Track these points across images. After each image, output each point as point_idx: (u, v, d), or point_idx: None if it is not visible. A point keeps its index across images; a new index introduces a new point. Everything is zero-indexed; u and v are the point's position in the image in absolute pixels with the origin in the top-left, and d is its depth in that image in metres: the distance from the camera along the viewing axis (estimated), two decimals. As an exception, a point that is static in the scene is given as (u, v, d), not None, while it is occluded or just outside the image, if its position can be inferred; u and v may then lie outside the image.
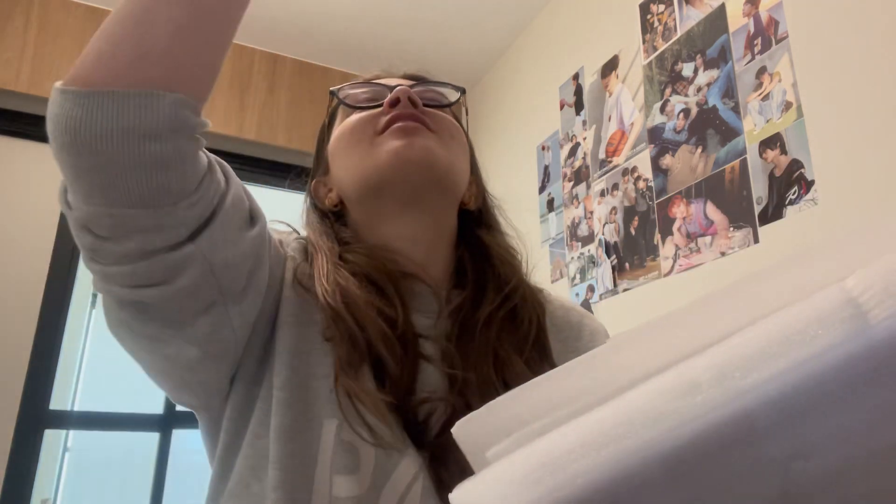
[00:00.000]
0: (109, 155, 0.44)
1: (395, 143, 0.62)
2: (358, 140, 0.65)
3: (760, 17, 1.45)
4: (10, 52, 2.25)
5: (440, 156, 0.64)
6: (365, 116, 0.65)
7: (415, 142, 0.62)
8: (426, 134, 0.64)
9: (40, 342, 2.18)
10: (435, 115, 0.66)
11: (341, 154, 0.67)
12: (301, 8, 2.45)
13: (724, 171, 1.50)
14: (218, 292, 0.52)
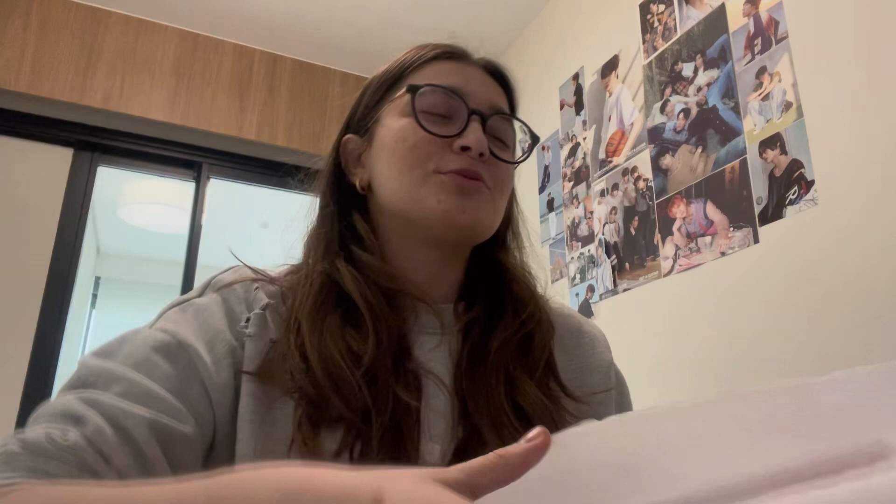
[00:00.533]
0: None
1: (448, 203, 0.60)
2: (413, 166, 0.61)
3: (760, 17, 1.45)
4: (10, 52, 2.25)
5: (486, 223, 0.63)
6: (430, 142, 0.61)
7: (467, 207, 0.60)
8: (481, 195, 0.62)
9: (40, 342, 2.17)
10: (495, 168, 0.63)
11: (391, 163, 0.63)
12: (301, 8, 2.45)
13: (724, 171, 1.50)
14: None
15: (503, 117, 0.66)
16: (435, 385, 0.59)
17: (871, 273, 1.13)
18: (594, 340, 0.72)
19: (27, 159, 2.31)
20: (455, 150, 0.61)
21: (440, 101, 0.63)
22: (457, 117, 0.63)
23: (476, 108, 0.63)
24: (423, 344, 0.62)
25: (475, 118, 0.62)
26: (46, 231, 2.27)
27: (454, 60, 0.67)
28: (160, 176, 2.77)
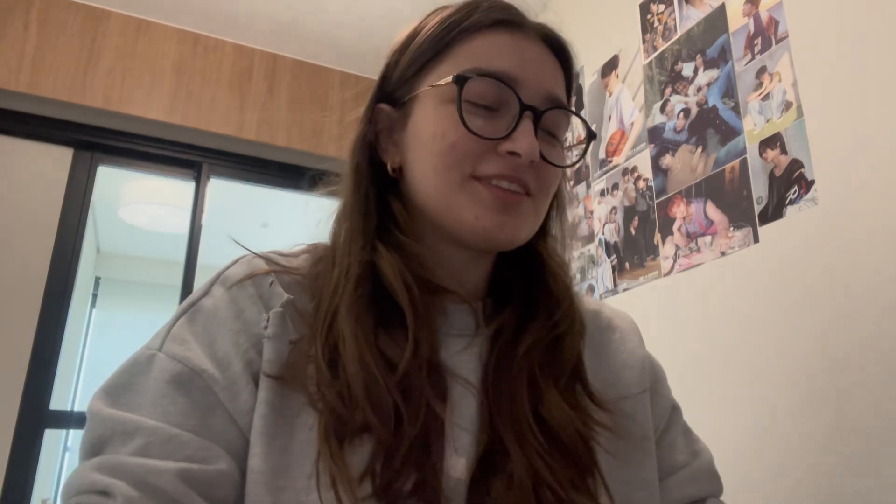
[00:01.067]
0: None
1: (486, 220, 0.54)
2: (450, 166, 0.55)
3: (760, 16, 1.45)
4: (10, 52, 2.25)
5: (525, 236, 0.57)
6: (472, 141, 0.54)
7: (507, 225, 0.55)
8: (522, 208, 0.56)
9: (40, 342, 2.17)
10: (544, 172, 0.57)
11: (426, 158, 0.56)
12: (301, 8, 2.45)
13: (724, 171, 1.50)
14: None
15: (562, 111, 0.58)
16: (461, 392, 0.55)
17: (871, 273, 1.13)
18: (625, 335, 0.68)
19: (27, 159, 2.31)
20: (500, 154, 0.54)
21: (490, 90, 0.55)
22: (506, 110, 0.55)
23: (529, 104, 0.55)
24: (451, 346, 0.57)
25: (528, 115, 0.55)
26: (46, 231, 2.27)
27: (510, 31, 0.58)
28: (160, 176, 2.77)
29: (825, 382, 1.18)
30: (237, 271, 0.56)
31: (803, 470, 1.19)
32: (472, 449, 0.53)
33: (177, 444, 0.47)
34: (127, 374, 0.52)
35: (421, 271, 0.55)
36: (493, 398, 0.55)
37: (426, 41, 0.59)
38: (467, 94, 0.54)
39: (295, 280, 0.56)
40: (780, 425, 1.25)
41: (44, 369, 2.17)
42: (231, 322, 0.53)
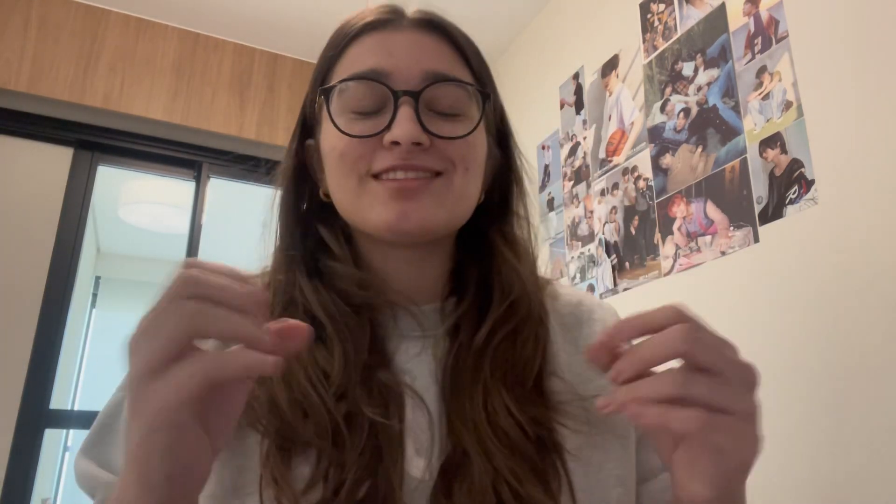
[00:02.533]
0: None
1: (387, 213, 0.53)
2: (346, 174, 0.55)
3: (760, 16, 1.45)
4: (10, 52, 2.25)
5: (442, 217, 0.55)
6: (357, 145, 0.54)
7: (411, 211, 0.53)
8: (426, 191, 0.54)
9: (40, 342, 2.17)
10: (446, 148, 0.55)
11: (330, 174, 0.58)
12: (301, 8, 2.45)
13: (724, 171, 1.50)
14: None
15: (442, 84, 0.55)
16: (415, 397, 0.54)
17: (871, 273, 1.13)
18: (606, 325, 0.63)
19: (27, 159, 2.31)
20: (386, 146, 0.53)
21: (362, 93, 0.54)
22: (386, 105, 0.54)
23: (403, 89, 0.53)
24: (408, 349, 0.57)
25: (404, 101, 0.53)
26: (46, 231, 2.27)
27: (378, 31, 0.57)
28: (160, 176, 2.77)
29: (825, 382, 1.18)
30: None
31: (803, 469, 1.19)
32: (432, 449, 0.53)
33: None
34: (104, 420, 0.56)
35: (352, 289, 0.56)
36: (449, 399, 0.55)
37: (316, 68, 0.61)
38: (347, 104, 0.55)
39: None
40: (780, 425, 1.25)
41: (44, 369, 2.17)
42: None
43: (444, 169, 0.55)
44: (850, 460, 1.11)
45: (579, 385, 0.58)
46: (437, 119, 0.55)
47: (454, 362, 0.56)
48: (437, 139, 0.54)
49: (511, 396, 0.54)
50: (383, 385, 0.53)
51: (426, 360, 0.57)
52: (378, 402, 0.52)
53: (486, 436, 0.52)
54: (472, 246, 0.62)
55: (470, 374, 0.55)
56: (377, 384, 0.53)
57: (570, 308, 0.64)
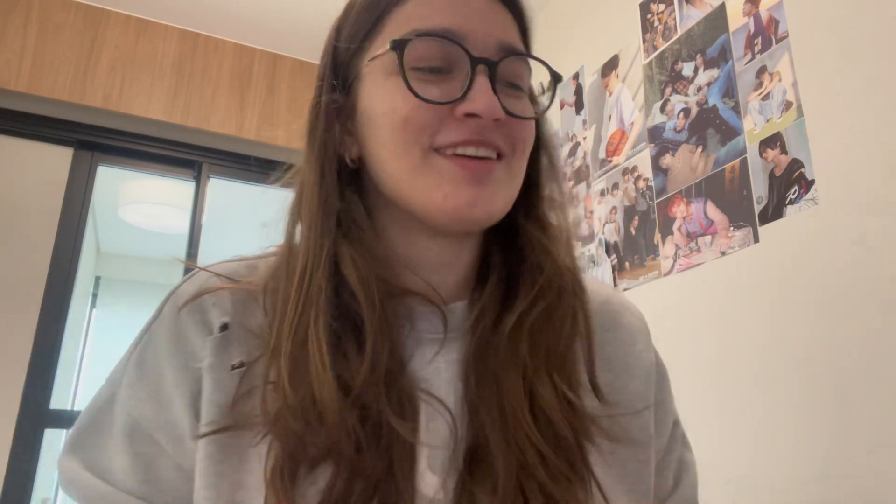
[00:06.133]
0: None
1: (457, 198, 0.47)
2: (408, 143, 0.48)
3: (760, 16, 1.45)
4: (10, 52, 2.25)
5: (503, 205, 0.50)
6: (426, 110, 0.48)
7: (480, 198, 0.48)
8: (495, 175, 0.49)
9: (40, 342, 2.17)
10: (513, 127, 0.50)
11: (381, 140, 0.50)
12: (301, 8, 2.44)
13: (724, 171, 1.50)
14: None
15: (519, 58, 0.51)
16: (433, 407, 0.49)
17: (871, 273, 1.13)
18: (633, 336, 0.60)
19: (27, 159, 2.31)
20: (459, 118, 0.48)
21: (435, 51, 0.48)
22: (458, 69, 0.49)
23: (481, 57, 0.48)
24: (424, 354, 0.51)
25: (482, 69, 0.48)
26: (46, 231, 2.27)
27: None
28: (160, 176, 2.77)
29: (825, 382, 1.18)
30: (187, 289, 0.53)
31: (802, 469, 1.18)
32: (448, 465, 0.48)
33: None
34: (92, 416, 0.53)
35: (384, 273, 0.50)
36: (476, 393, 0.50)
37: (359, 16, 0.53)
38: (410, 60, 0.48)
39: (249, 295, 0.52)
40: (779, 425, 1.25)
41: (44, 369, 2.17)
42: (176, 355, 0.51)
43: (507, 152, 0.50)
44: (851, 459, 1.11)
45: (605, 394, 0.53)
46: (507, 94, 0.51)
47: (478, 353, 0.51)
48: (509, 117, 0.49)
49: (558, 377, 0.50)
50: (403, 392, 0.48)
51: (443, 366, 0.52)
52: (398, 412, 0.47)
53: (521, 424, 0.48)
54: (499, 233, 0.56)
55: (501, 361, 0.50)
56: (396, 393, 0.48)
57: (597, 305, 0.58)
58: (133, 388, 0.52)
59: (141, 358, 0.53)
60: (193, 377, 0.50)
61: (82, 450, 0.53)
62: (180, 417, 0.50)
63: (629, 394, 0.57)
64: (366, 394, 0.45)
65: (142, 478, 0.50)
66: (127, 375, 0.53)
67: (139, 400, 0.51)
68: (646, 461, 0.57)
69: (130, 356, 0.54)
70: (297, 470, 0.45)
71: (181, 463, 0.50)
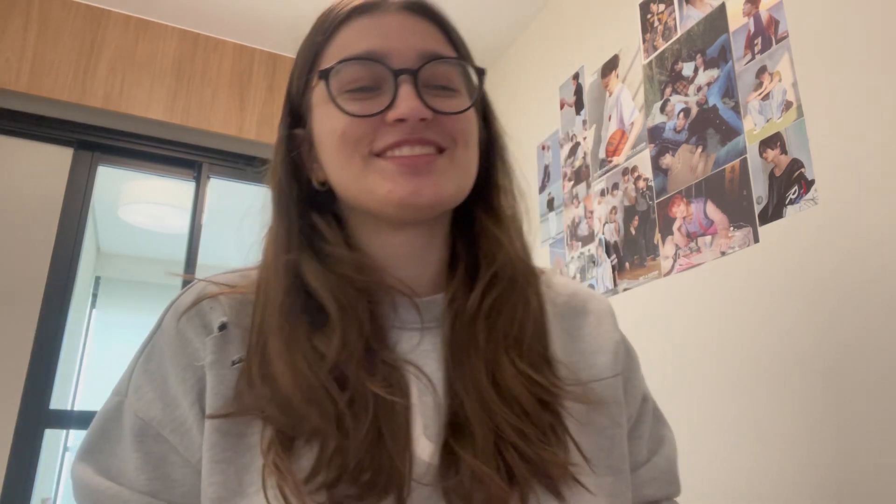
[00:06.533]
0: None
1: (401, 189, 0.53)
2: (350, 155, 0.55)
3: (760, 16, 1.45)
4: (10, 52, 2.25)
5: (451, 190, 0.56)
6: (360, 125, 0.54)
7: (423, 186, 0.54)
8: (436, 164, 0.55)
9: (40, 342, 2.17)
10: (447, 123, 0.56)
11: (330, 158, 0.57)
12: (302, 8, 2.45)
13: (724, 171, 1.50)
14: None
15: (439, 61, 0.56)
16: (423, 381, 0.55)
17: (871, 273, 1.13)
18: (600, 318, 0.66)
19: (27, 159, 2.31)
20: (391, 124, 0.54)
21: (361, 73, 0.55)
22: (386, 84, 0.55)
23: (402, 68, 0.54)
24: (410, 339, 0.57)
25: (404, 79, 0.54)
26: (46, 231, 2.27)
27: (367, 15, 0.58)
28: (160, 176, 2.77)
29: (824, 382, 1.18)
30: (186, 300, 0.57)
31: (802, 468, 1.19)
32: (441, 433, 0.53)
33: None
34: (101, 425, 0.56)
35: (356, 274, 0.55)
36: (454, 372, 0.55)
37: (302, 55, 0.61)
38: (342, 85, 0.55)
39: (244, 298, 0.57)
40: (779, 424, 1.25)
41: (44, 369, 2.17)
42: (179, 357, 0.55)
43: (447, 145, 0.56)
44: (851, 459, 1.11)
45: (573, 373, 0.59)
46: (435, 95, 0.56)
47: (452, 334, 0.57)
48: (438, 115, 0.55)
49: (515, 356, 0.55)
50: (386, 365, 0.53)
51: (428, 348, 0.57)
52: (382, 382, 0.52)
53: (490, 399, 0.53)
54: (463, 228, 0.63)
55: (468, 342, 0.56)
56: (380, 364, 0.53)
57: (564, 298, 0.65)
58: (139, 392, 0.55)
59: (146, 365, 0.56)
60: (197, 375, 0.54)
61: (94, 456, 0.55)
62: (187, 414, 0.53)
63: (599, 367, 0.63)
64: (341, 363, 0.51)
65: (152, 475, 0.52)
66: (132, 382, 0.56)
67: (147, 402, 0.54)
68: (619, 425, 0.62)
69: (135, 365, 0.57)
70: (291, 444, 0.50)
71: (189, 458, 0.53)
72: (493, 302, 0.57)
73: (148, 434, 0.53)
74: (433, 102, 0.55)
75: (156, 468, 0.53)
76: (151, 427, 0.54)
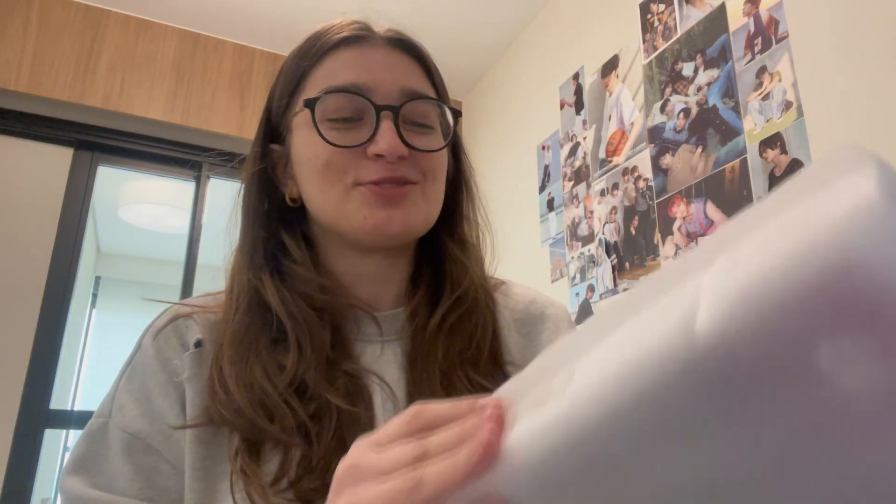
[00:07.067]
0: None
1: (375, 218, 0.56)
2: (332, 182, 0.58)
3: (760, 16, 1.45)
4: (10, 52, 2.25)
5: (418, 223, 0.59)
6: (342, 154, 0.57)
7: (395, 216, 0.57)
8: (409, 198, 0.58)
9: (40, 342, 2.18)
10: (421, 159, 0.59)
11: (310, 181, 0.59)
12: (302, 8, 2.45)
13: (724, 171, 1.50)
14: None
15: (419, 101, 0.60)
16: (384, 391, 0.57)
17: (871, 273, 1.13)
18: (557, 323, 0.68)
19: (27, 159, 2.31)
20: (371, 157, 0.57)
21: (345, 104, 0.58)
22: (367, 116, 0.58)
23: (384, 104, 0.57)
24: (373, 352, 0.60)
25: (386, 115, 0.57)
26: (46, 231, 2.27)
27: (354, 46, 0.61)
28: (160, 176, 2.77)
29: None
30: (161, 321, 0.60)
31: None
32: None
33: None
34: (86, 444, 0.57)
35: (313, 292, 0.58)
36: (410, 381, 0.58)
37: (286, 76, 0.63)
38: (326, 113, 0.58)
39: (216, 318, 0.60)
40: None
41: (44, 369, 2.17)
42: (159, 374, 0.57)
43: (419, 179, 0.59)
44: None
45: None
46: (413, 132, 0.59)
47: (412, 347, 0.60)
48: (414, 153, 0.58)
49: (470, 369, 0.59)
50: (348, 375, 0.56)
51: (389, 357, 0.60)
52: (343, 392, 0.54)
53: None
54: (428, 251, 0.66)
55: (427, 355, 0.59)
56: (341, 375, 0.56)
57: (523, 305, 0.68)
58: (124, 410, 0.57)
59: (128, 385, 0.58)
60: (178, 390, 0.56)
61: (84, 471, 0.56)
62: (173, 423, 0.56)
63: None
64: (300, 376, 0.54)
65: (143, 485, 0.54)
66: (115, 402, 0.58)
67: (132, 418, 0.56)
68: None
69: (117, 387, 0.59)
70: (259, 450, 0.52)
71: (178, 466, 0.55)
72: (454, 321, 0.61)
73: (136, 447, 0.55)
74: (411, 139, 0.58)
75: (147, 478, 0.54)
76: (140, 439, 0.55)
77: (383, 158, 0.56)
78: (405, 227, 0.58)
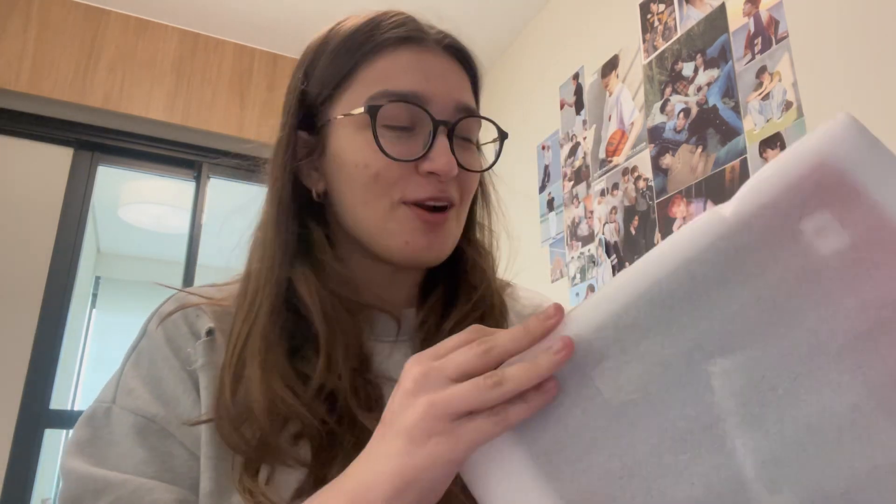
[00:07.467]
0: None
1: (416, 244, 0.56)
2: (378, 195, 0.56)
3: (761, 16, 1.45)
4: (10, 52, 2.25)
5: (450, 247, 0.59)
6: (394, 167, 0.55)
7: (435, 244, 0.57)
8: (448, 223, 0.58)
9: (40, 342, 2.18)
10: (464, 179, 0.58)
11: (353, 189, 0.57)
12: (301, 8, 2.45)
13: (724, 171, 1.50)
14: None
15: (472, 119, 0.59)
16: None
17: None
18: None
19: (27, 159, 2.31)
20: (422, 174, 0.55)
21: (402, 112, 0.56)
22: (421, 127, 0.56)
23: (441, 119, 0.56)
24: (382, 351, 0.59)
25: (442, 131, 0.56)
26: (46, 231, 2.27)
27: (411, 48, 0.58)
28: (160, 176, 2.77)
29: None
30: (168, 307, 0.59)
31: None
32: None
33: (144, 491, 0.50)
34: (89, 427, 0.55)
35: (342, 290, 0.57)
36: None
37: (331, 64, 0.60)
38: (380, 119, 0.55)
39: (224, 310, 0.58)
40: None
41: (44, 369, 2.17)
42: (172, 360, 0.55)
43: (458, 201, 0.58)
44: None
45: None
46: (461, 148, 0.58)
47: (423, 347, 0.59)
48: (461, 171, 0.57)
49: None
50: (368, 383, 0.55)
51: (399, 359, 0.59)
52: (365, 404, 0.53)
53: None
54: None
55: None
56: (362, 384, 0.55)
57: (530, 310, 0.69)
58: (133, 394, 0.55)
59: (135, 370, 0.56)
60: (192, 378, 0.55)
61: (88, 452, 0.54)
62: (190, 412, 0.54)
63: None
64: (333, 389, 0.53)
65: (160, 468, 0.52)
66: (122, 386, 0.56)
67: (144, 401, 0.54)
68: None
69: (122, 372, 0.57)
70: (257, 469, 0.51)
71: (194, 452, 0.53)
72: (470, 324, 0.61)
73: (151, 430, 0.54)
74: (459, 156, 0.57)
75: (163, 462, 0.53)
76: (155, 423, 0.54)
77: (435, 176, 0.55)
78: (440, 255, 0.58)
